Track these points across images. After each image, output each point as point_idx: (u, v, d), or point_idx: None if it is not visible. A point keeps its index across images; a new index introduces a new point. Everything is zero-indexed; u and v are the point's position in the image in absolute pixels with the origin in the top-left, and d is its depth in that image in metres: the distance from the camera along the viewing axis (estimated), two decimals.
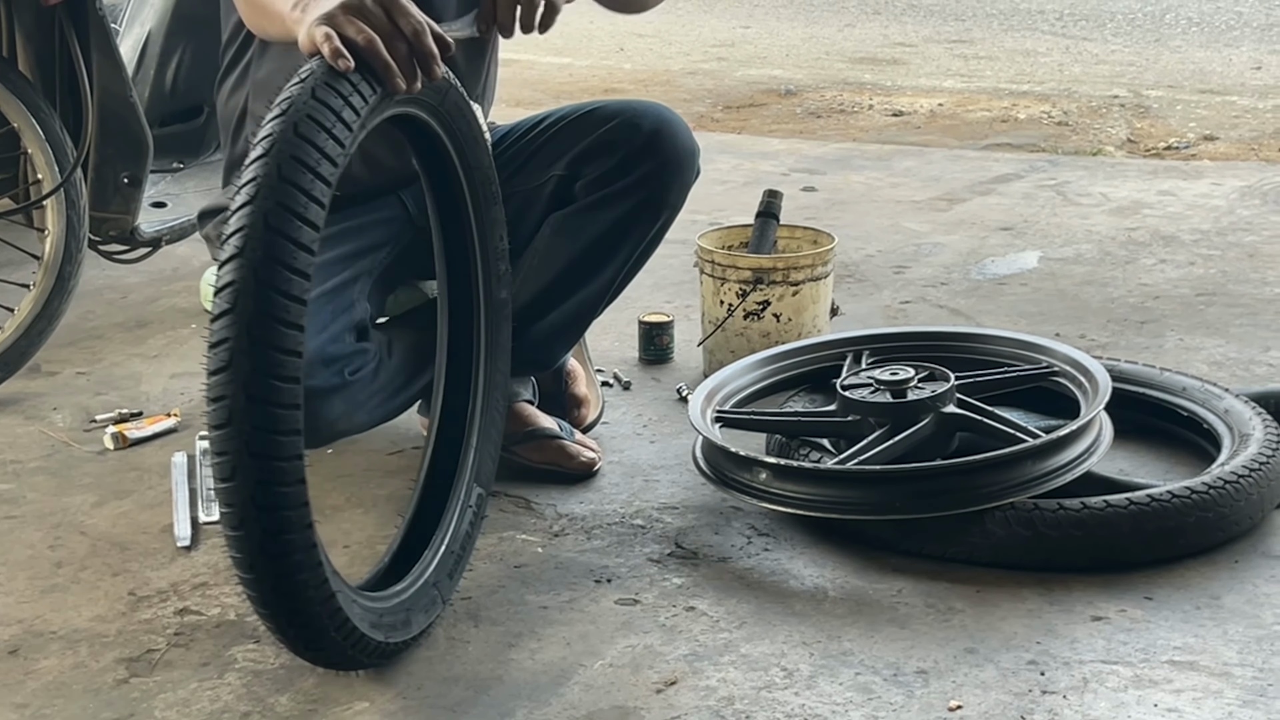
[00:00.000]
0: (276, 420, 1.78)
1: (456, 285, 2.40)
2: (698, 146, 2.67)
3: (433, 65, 1.97)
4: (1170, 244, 4.18)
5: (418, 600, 2.16)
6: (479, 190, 2.34)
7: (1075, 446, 2.45)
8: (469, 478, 2.37)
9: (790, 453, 2.61)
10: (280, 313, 1.78)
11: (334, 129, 1.85)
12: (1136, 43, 7.90)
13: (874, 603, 2.29)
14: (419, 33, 1.95)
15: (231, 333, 1.77)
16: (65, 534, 2.57)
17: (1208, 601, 2.27)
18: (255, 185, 1.80)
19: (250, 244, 1.78)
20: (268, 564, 1.84)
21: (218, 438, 1.79)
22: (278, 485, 1.80)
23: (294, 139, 1.82)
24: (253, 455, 1.78)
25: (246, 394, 1.77)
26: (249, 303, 1.77)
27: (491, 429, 2.43)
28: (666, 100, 6.51)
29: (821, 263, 3.18)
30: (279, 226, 1.79)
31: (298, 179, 1.81)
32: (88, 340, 3.51)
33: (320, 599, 1.89)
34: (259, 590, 1.86)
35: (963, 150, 5.57)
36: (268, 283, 1.77)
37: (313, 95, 1.86)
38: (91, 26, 3.22)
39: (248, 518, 1.80)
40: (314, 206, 1.82)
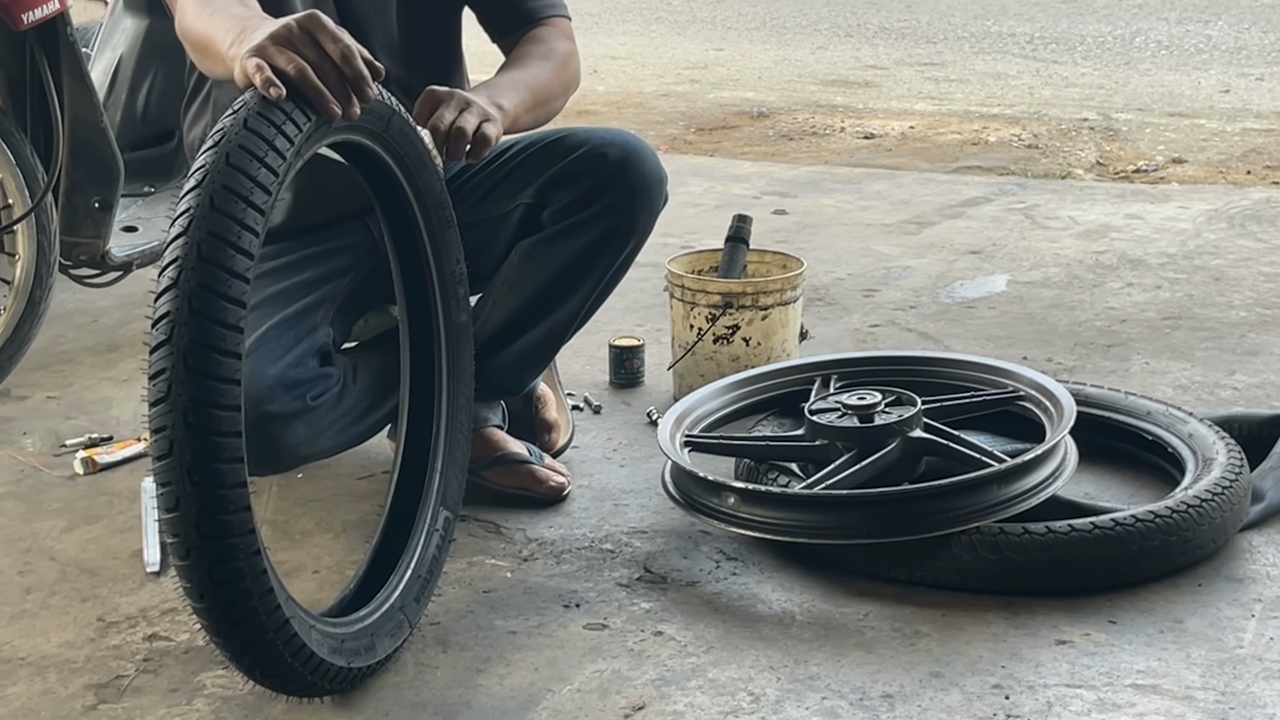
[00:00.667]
0: (217, 448, 1.79)
1: (415, 310, 2.41)
2: (665, 174, 2.69)
3: (364, 88, 1.97)
4: (1137, 267, 4.21)
5: (383, 625, 2.17)
6: (431, 215, 2.34)
7: (1040, 471, 2.47)
8: (435, 501, 2.38)
9: (758, 477, 2.62)
10: (216, 341, 1.79)
11: (266, 157, 1.86)
12: (1106, 66, 7.95)
13: (841, 627, 2.30)
14: (348, 57, 1.95)
15: (169, 363, 1.78)
16: (34, 559, 2.57)
17: (1171, 625, 2.29)
18: (189, 216, 1.81)
19: (184, 274, 1.79)
20: (217, 592, 1.84)
21: (160, 469, 1.80)
22: (223, 513, 1.81)
23: (226, 169, 1.83)
24: (195, 484, 1.79)
25: (186, 423, 1.78)
26: (184, 332, 1.78)
27: (457, 451, 2.44)
28: (639, 122, 6.55)
29: (790, 287, 3.20)
30: (212, 256, 1.80)
31: (230, 208, 1.82)
32: (58, 364, 3.51)
33: (273, 625, 1.89)
34: (211, 619, 1.88)
35: (933, 173, 5.60)
36: (202, 312, 1.79)
37: (244, 125, 1.87)
38: (63, 52, 3.22)
39: (194, 547, 1.81)
40: (247, 235, 1.83)
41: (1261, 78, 7.52)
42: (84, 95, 3.27)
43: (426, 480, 2.39)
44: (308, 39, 1.94)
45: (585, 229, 2.64)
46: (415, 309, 2.40)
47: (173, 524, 1.81)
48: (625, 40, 8.64)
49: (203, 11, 2.15)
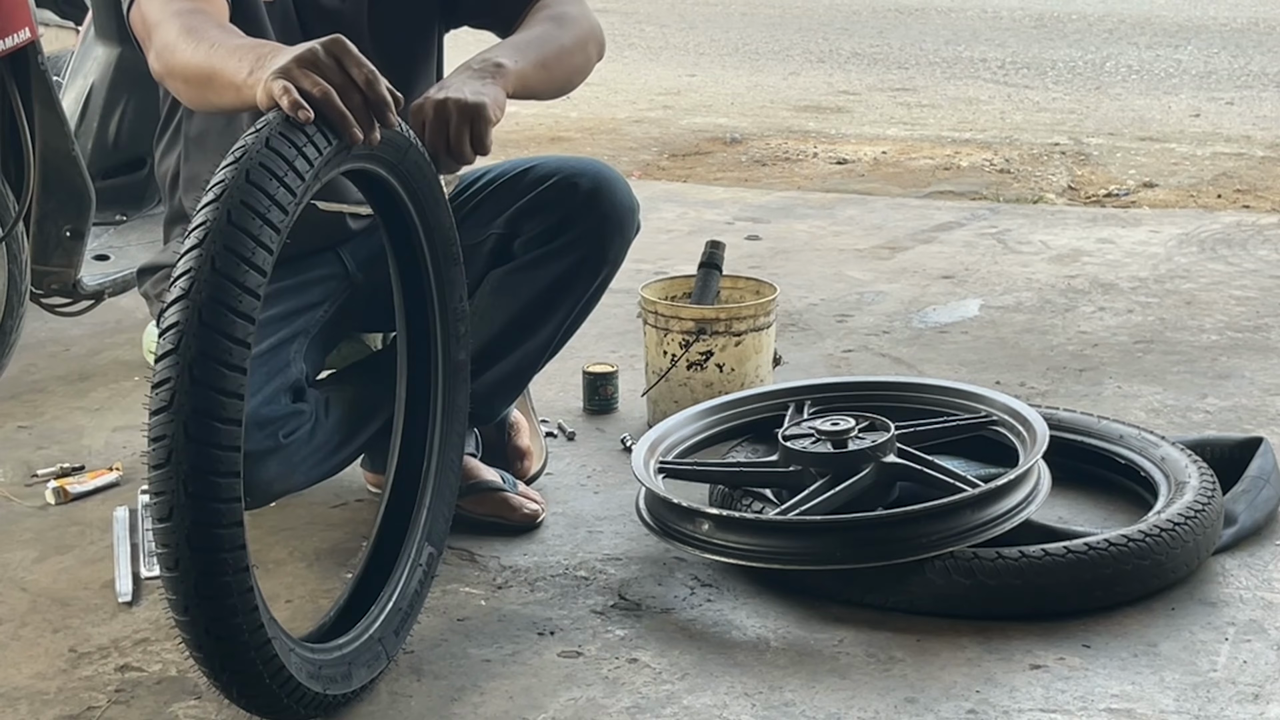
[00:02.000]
0: (215, 461, 1.79)
1: (415, 344, 2.41)
2: (637, 203, 2.69)
3: (386, 114, 1.98)
4: (1109, 292, 4.23)
5: (361, 654, 2.16)
6: (439, 250, 2.35)
7: (1013, 495, 2.47)
8: (420, 536, 2.37)
9: (733, 503, 2.62)
10: (223, 355, 1.79)
11: (285, 177, 1.87)
12: (1077, 90, 7.99)
13: (815, 653, 2.30)
14: (372, 82, 1.96)
15: (173, 373, 1.78)
16: (5, 590, 2.56)
17: (1145, 649, 2.29)
18: (204, 229, 1.81)
19: (196, 286, 1.79)
20: (203, 605, 1.84)
21: (156, 477, 1.80)
22: (215, 526, 1.81)
23: (245, 185, 1.83)
24: (190, 495, 1.79)
25: (186, 434, 1.78)
26: (192, 343, 1.78)
27: (445, 489, 2.44)
28: (612, 148, 6.56)
29: (764, 313, 3.21)
30: (225, 270, 1.80)
31: (247, 224, 1.82)
32: (29, 394, 3.50)
33: (256, 644, 1.89)
34: (193, 633, 1.87)
35: (905, 198, 5.62)
36: (212, 324, 1.79)
37: (266, 144, 1.87)
38: (34, 80, 3.22)
39: (183, 558, 1.81)
40: (261, 252, 1.83)
41: (1231, 102, 7.57)
42: (55, 124, 3.26)
43: (413, 514, 2.39)
44: (333, 63, 1.95)
45: (557, 258, 2.64)
46: (415, 343, 2.41)
47: (164, 534, 1.81)
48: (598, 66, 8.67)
49: (197, 45, 2.14)
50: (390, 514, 2.40)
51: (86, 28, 3.81)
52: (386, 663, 2.21)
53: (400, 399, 2.43)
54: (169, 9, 2.21)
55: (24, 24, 3.16)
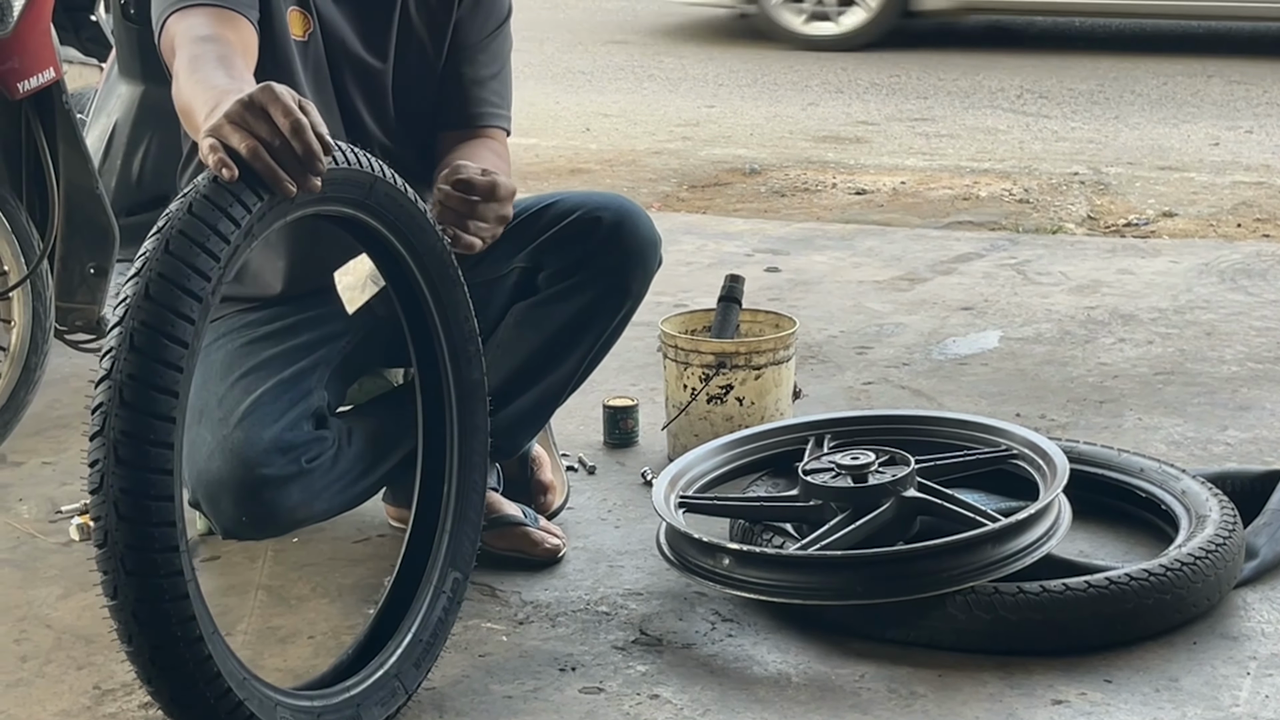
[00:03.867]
0: (150, 539, 1.81)
1: (425, 369, 2.41)
2: (659, 237, 2.71)
3: (315, 163, 1.92)
4: (1129, 323, 4.23)
5: (372, 694, 2.16)
6: (433, 273, 2.32)
7: (1034, 530, 2.48)
8: (444, 563, 2.36)
9: (753, 538, 2.62)
10: (146, 432, 1.80)
11: (208, 242, 1.86)
12: (1096, 120, 7.99)
13: (837, 688, 2.31)
14: (298, 131, 1.89)
15: (101, 454, 1.81)
16: (30, 627, 2.57)
17: (1167, 684, 2.29)
18: (125, 305, 1.83)
19: (116, 365, 1.81)
20: (161, 677, 1.88)
21: (99, 558, 1.84)
22: (159, 602, 1.83)
23: (164, 257, 1.84)
24: (129, 574, 1.82)
25: (118, 514, 1.80)
26: (114, 424, 1.80)
27: (469, 510, 2.42)
28: (631, 179, 6.58)
29: (783, 346, 3.22)
30: (143, 346, 1.81)
31: (164, 297, 1.83)
32: (54, 430, 3.51)
33: (227, 709, 1.90)
34: (161, 702, 1.91)
35: (924, 229, 5.62)
36: (131, 404, 1.80)
37: (189, 210, 1.87)
38: (58, 119, 3.24)
39: (134, 634, 1.85)
40: (181, 324, 1.83)
41: (1250, 130, 7.56)
42: (79, 162, 3.28)
43: (436, 540, 2.38)
44: (260, 114, 1.89)
45: (580, 292, 2.65)
46: (425, 368, 2.41)
47: (114, 611, 1.85)
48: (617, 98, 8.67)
49: (190, 78, 2.15)
50: (413, 544, 2.40)
51: (110, 65, 3.84)
52: (405, 698, 2.21)
53: (419, 425, 2.43)
54: (190, 35, 2.23)
55: (49, 64, 3.18)
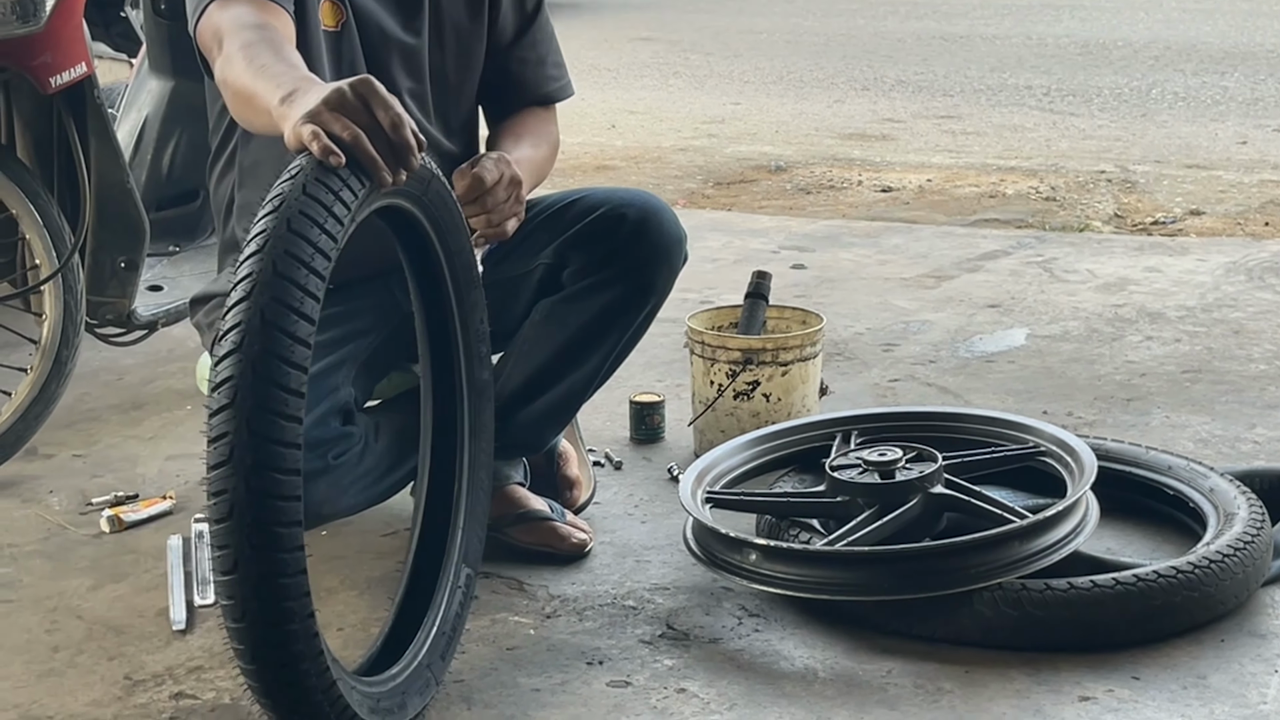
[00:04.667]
0: (278, 513, 1.81)
1: (438, 367, 2.43)
2: (684, 233, 2.71)
3: (409, 157, 1.99)
4: (1156, 321, 4.22)
5: (412, 683, 2.18)
6: (460, 275, 2.37)
7: (1062, 526, 2.47)
8: (457, 559, 2.39)
9: (780, 534, 2.63)
10: (279, 406, 1.81)
11: (326, 224, 1.88)
12: (1123, 118, 7.97)
13: (864, 683, 2.31)
14: (398, 126, 1.97)
15: (231, 427, 1.80)
16: (62, 618, 2.59)
17: (1194, 681, 2.29)
18: (251, 281, 1.83)
19: (248, 339, 1.81)
20: (270, 654, 1.86)
21: (219, 531, 1.82)
22: (280, 577, 1.83)
23: (288, 234, 1.85)
24: (254, 548, 1.81)
25: (248, 487, 1.79)
26: (248, 397, 1.80)
27: (478, 508, 2.45)
28: (657, 176, 6.58)
29: (810, 343, 3.22)
30: (276, 321, 1.82)
31: (293, 274, 1.84)
32: (84, 422, 3.54)
33: (321, 687, 1.91)
34: (261, 681, 1.89)
35: (951, 226, 5.62)
36: (266, 377, 1.80)
37: (304, 191, 1.89)
38: (89, 114, 3.26)
39: (249, 610, 1.83)
40: (309, 301, 1.85)
41: (1279, 128, 7.54)
42: (110, 156, 3.30)
43: (448, 537, 2.40)
44: (361, 105, 1.96)
45: (605, 288, 2.66)
46: (438, 366, 2.43)
47: (229, 586, 1.83)
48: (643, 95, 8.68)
49: (249, 64, 2.17)
50: (425, 538, 2.42)
51: (140, 61, 3.86)
52: (436, 687, 2.23)
53: (426, 422, 2.45)
54: (238, 22, 2.25)
55: (81, 58, 3.20)
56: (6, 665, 2.43)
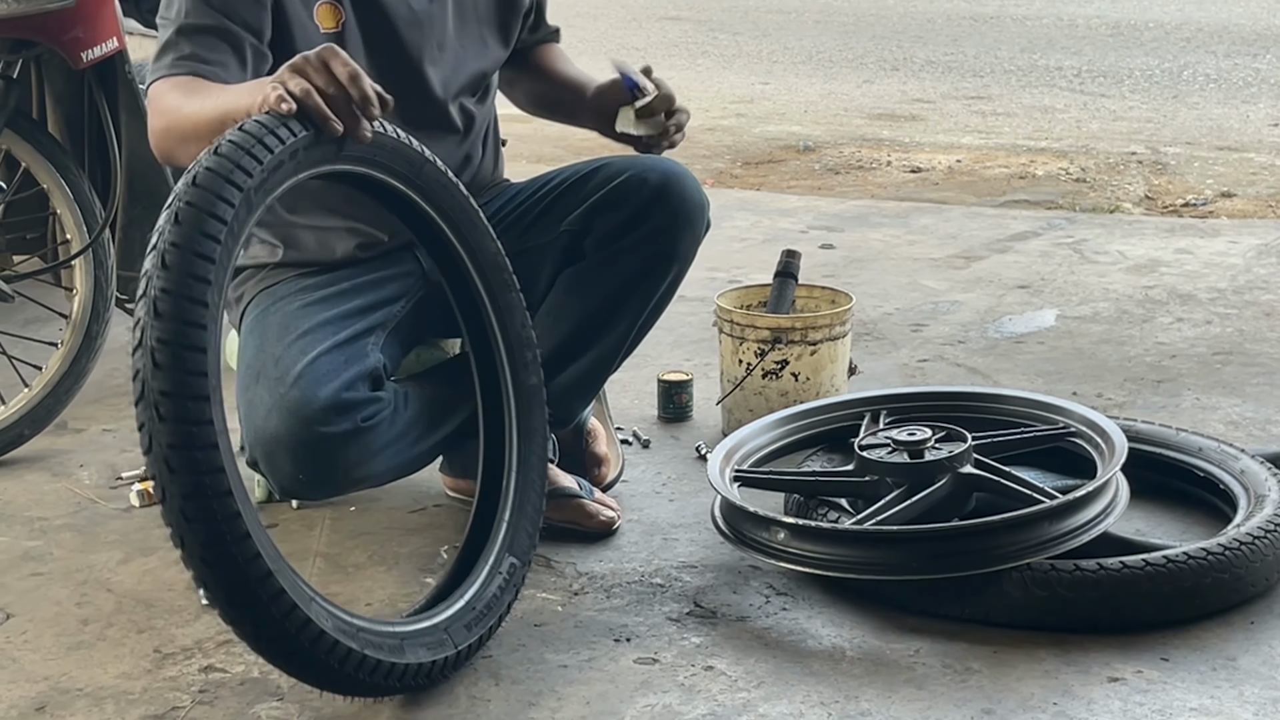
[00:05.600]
0: (184, 385, 1.90)
1: (484, 373, 2.49)
2: (707, 200, 2.70)
3: (369, 109, 2.12)
4: (1187, 302, 4.20)
5: (421, 636, 2.19)
6: (490, 276, 2.43)
7: (1092, 507, 2.46)
8: (501, 548, 2.41)
9: (808, 512, 2.63)
10: (186, 290, 1.92)
11: (253, 149, 2.01)
12: (1154, 99, 7.94)
13: (891, 663, 2.31)
14: (355, 79, 2.10)
15: (142, 311, 1.92)
16: (91, 591, 2.60)
17: (1224, 663, 2.28)
18: (175, 195, 1.98)
19: (163, 238, 1.95)
20: (192, 530, 1.91)
21: (138, 413, 1.92)
22: (190, 449, 1.90)
23: (213, 157, 2.00)
24: (162, 419, 1.89)
25: (153, 362, 1.90)
26: (158, 285, 1.92)
27: (527, 506, 2.48)
28: (685, 156, 6.57)
29: (839, 322, 3.21)
30: (189, 221, 1.95)
31: (211, 185, 1.97)
32: (114, 397, 3.55)
33: (244, 556, 1.93)
34: (194, 566, 1.94)
35: (980, 207, 5.60)
36: (176, 267, 1.93)
37: (240, 128, 2.04)
38: (120, 89, 3.27)
39: (169, 489, 1.91)
40: (222, 205, 1.97)
41: None
42: (141, 132, 3.30)
43: (494, 528, 2.43)
44: (320, 66, 2.10)
45: (628, 255, 2.65)
46: (484, 372, 2.49)
47: (150, 466, 1.92)
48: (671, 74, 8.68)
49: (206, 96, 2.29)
50: (478, 519, 2.46)
51: None
52: (453, 651, 2.22)
53: (480, 424, 2.51)
54: (166, 86, 2.37)
55: (112, 33, 3.21)
56: (37, 638, 2.44)
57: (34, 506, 2.96)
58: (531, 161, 5.94)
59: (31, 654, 2.39)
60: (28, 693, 2.27)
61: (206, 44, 2.39)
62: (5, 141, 3.14)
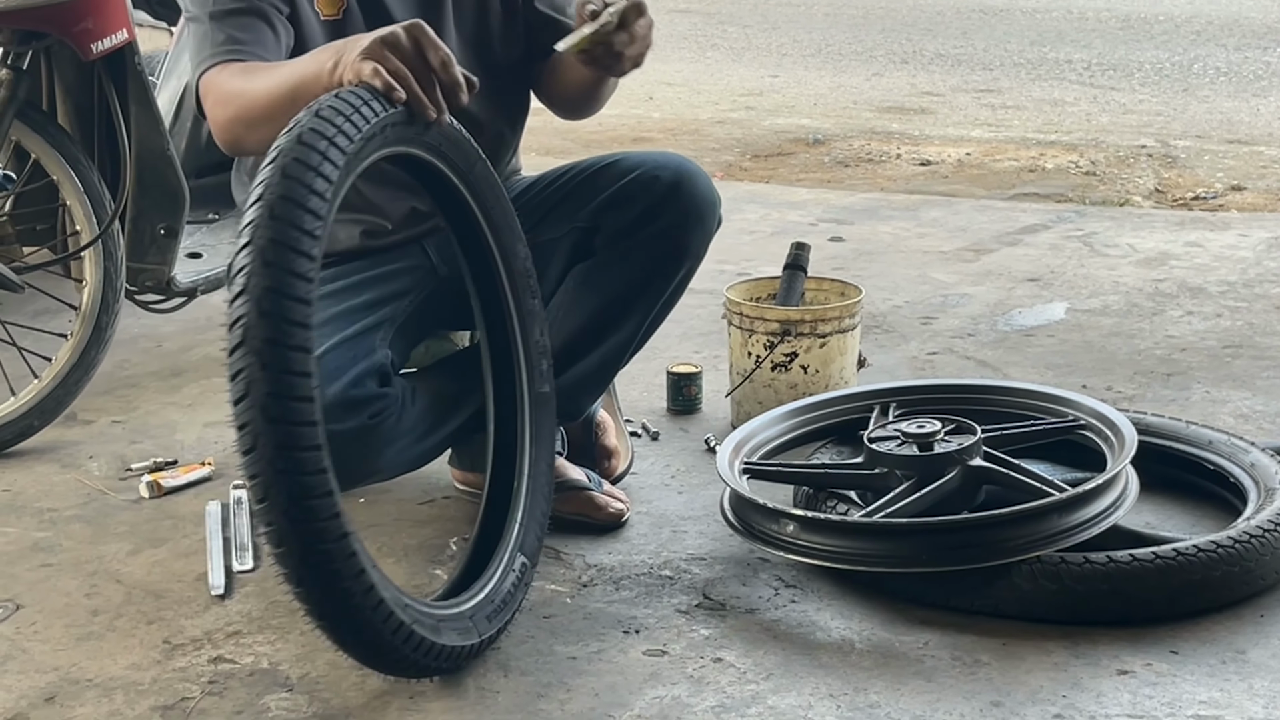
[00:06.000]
0: (291, 387, 1.89)
1: (500, 375, 2.51)
2: (718, 197, 2.70)
3: (459, 96, 2.15)
4: (1197, 296, 4.20)
5: (451, 622, 2.21)
6: (517, 282, 2.46)
7: (1101, 500, 2.46)
8: (514, 546, 2.42)
9: (817, 505, 2.62)
10: (288, 289, 1.90)
11: (335, 138, 1.99)
12: (1164, 92, 7.92)
13: (900, 655, 2.31)
14: (447, 65, 2.14)
15: (244, 310, 1.89)
16: (101, 582, 2.61)
17: (1233, 656, 2.28)
18: (263, 185, 1.95)
19: (257, 233, 1.91)
20: (293, 530, 1.94)
21: (238, 411, 1.90)
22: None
23: (297, 145, 1.97)
24: (269, 421, 1.89)
25: (260, 363, 1.88)
26: (258, 282, 1.89)
27: (536, 509, 2.49)
28: (694, 149, 6.57)
29: (849, 315, 3.21)
30: (284, 215, 1.93)
31: (301, 176, 1.95)
32: (123, 389, 3.56)
33: (343, 554, 1.97)
34: (290, 565, 1.96)
35: (990, 200, 5.59)
36: (275, 264, 1.90)
37: (315, 114, 2.01)
38: (130, 80, 3.27)
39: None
40: (314, 199, 1.95)
41: None
42: (150, 123, 3.31)
43: (507, 527, 2.44)
44: (413, 45, 2.12)
45: (638, 252, 2.65)
46: (500, 377, 2.51)
47: (249, 465, 1.91)
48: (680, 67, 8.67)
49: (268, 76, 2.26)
50: (490, 517, 2.47)
51: (181, 29, 3.86)
52: (476, 640, 2.23)
53: (490, 417, 2.51)
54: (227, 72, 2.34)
55: (122, 25, 3.21)
56: (46, 628, 2.45)
57: (43, 498, 2.97)
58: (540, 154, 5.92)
59: (41, 645, 2.39)
60: (38, 683, 2.27)
61: (242, 24, 2.37)
62: (15, 133, 3.14)
